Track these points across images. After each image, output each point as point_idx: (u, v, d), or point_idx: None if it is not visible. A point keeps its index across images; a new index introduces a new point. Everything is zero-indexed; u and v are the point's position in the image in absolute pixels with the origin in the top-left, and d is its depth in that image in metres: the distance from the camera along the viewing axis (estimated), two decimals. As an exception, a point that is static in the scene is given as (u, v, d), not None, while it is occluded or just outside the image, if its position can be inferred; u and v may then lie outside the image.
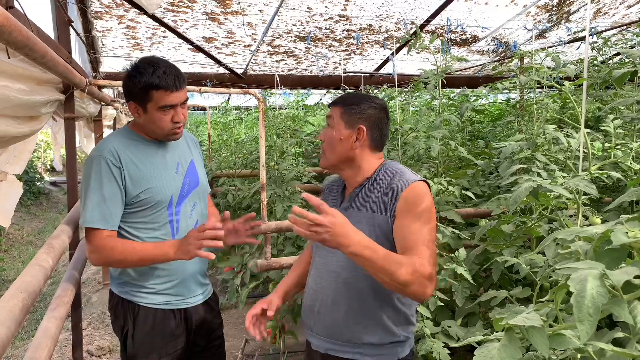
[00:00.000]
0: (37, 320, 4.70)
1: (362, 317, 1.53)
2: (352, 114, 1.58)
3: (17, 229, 8.43)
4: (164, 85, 1.69)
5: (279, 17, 4.23)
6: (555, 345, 0.86)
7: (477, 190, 3.35)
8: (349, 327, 1.54)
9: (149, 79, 1.69)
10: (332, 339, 1.57)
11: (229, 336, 4.03)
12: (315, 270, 1.65)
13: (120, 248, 1.69)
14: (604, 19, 4.83)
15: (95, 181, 1.70)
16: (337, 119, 1.59)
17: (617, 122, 2.19)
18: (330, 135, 1.59)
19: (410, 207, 1.48)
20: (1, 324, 1.03)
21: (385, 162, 1.64)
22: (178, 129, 1.80)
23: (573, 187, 1.67)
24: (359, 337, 1.53)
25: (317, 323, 1.61)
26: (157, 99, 1.71)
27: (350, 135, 1.57)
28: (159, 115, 1.74)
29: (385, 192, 1.53)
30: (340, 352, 1.56)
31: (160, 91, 1.70)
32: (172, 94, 1.71)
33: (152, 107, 1.72)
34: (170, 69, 1.72)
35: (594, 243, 0.93)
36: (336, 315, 1.56)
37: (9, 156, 2.15)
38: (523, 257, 1.90)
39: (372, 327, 1.53)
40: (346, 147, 1.58)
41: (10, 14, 1.12)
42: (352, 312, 1.54)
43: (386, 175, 1.58)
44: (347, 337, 1.54)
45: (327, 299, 1.57)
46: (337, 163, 1.61)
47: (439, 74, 2.81)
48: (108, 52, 4.83)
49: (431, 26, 4.59)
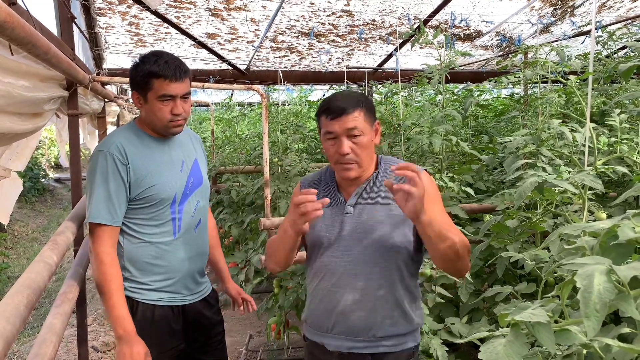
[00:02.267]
0: (43, 317, 4.72)
1: (387, 311, 1.54)
2: (370, 112, 1.55)
3: (22, 226, 8.46)
4: (164, 73, 1.71)
5: (282, 13, 4.22)
6: (561, 341, 0.86)
7: (481, 185, 3.34)
8: (375, 322, 1.54)
9: (150, 67, 1.71)
10: (357, 336, 1.55)
11: (233, 332, 4.04)
12: (328, 271, 1.58)
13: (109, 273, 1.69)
14: (609, 12, 4.80)
15: (101, 177, 1.71)
16: (362, 125, 1.51)
17: (623, 116, 2.18)
18: (364, 143, 1.51)
19: (427, 192, 1.44)
20: (6, 320, 1.03)
21: (381, 155, 1.65)
22: (178, 122, 1.80)
23: (579, 182, 1.67)
24: (384, 330, 1.54)
25: (337, 324, 1.56)
26: (157, 87, 1.72)
27: (373, 134, 1.56)
28: (159, 105, 1.74)
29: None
30: (364, 348, 1.54)
31: (160, 79, 1.71)
32: (171, 84, 1.72)
33: (152, 96, 1.74)
34: (172, 60, 1.74)
35: (600, 238, 0.92)
36: (360, 314, 1.54)
37: (11, 153, 2.16)
38: (528, 253, 1.89)
39: (397, 318, 1.55)
40: (373, 147, 1.58)
41: (13, 10, 1.11)
42: (377, 308, 1.53)
43: (387, 168, 1.59)
44: (373, 333, 1.54)
45: (349, 298, 1.54)
46: (368, 167, 1.58)
47: (442, 69, 2.80)
48: (111, 48, 4.83)
49: (435, 21, 4.57)
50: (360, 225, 1.54)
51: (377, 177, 1.58)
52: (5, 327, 1.00)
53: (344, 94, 1.55)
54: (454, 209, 2.67)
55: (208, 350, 2.00)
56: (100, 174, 1.71)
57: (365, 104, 1.53)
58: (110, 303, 1.67)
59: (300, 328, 3.21)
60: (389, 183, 1.33)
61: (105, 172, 1.71)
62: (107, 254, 1.70)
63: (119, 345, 1.65)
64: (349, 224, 1.55)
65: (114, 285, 1.69)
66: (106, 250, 1.70)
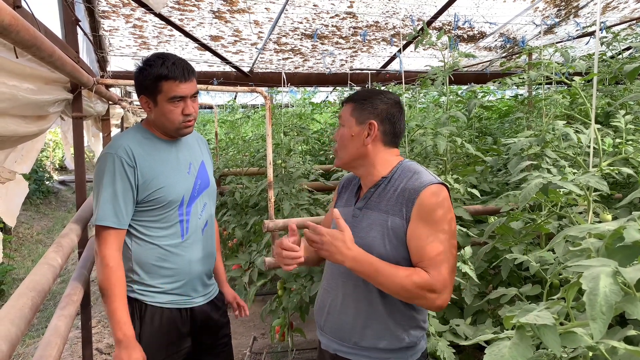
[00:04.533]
0: (47, 319, 4.73)
1: (371, 321, 1.51)
2: (362, 109, 1.55)
3: (27, 228, 8.49)
4: (173, 75, 1.71)
5: (285, 15, 4.22)
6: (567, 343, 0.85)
7: (485, 187, 3.33)
8: (357, 330, 1.52)
9: (158, 70, 1.71)
10: (341, 340, 1.56)
11: (237, 334, 4.04)
12: (328, 270, 1.65)
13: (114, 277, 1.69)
14: (613, 13, 4.78)
15: (109, 179, 1.71)
16: (347, 117, 1.57)
17: (628, 117, 2.16)
18: (342, 133, 1.58)
19: (426, 212, 1.43)
20: (11, 322, 1.03)
21: (403, 161, 1.58)
22: (189, 123, 1.80)
23: (584, 183, 1.66)
24: (366, 341, 1.51)
25: (326, 323, 1.60)
26: (166, 90, 1.73)
27: (361, 132, 1.54)
28: (169, 107, 1.75)
29: (401, 194, 1.48)
30: (348, 354, 1.54)
31: (170, 81, 1.72)
32: (181, 85, 1.73)
33: (162, 98, 1.74)
34: (179, 61, 1.75)
35: (605, 240, 0.91)
36: (345, 318, 1.55)
37: (17, 155, 2.16)
38: (532, 255, 1.88)
39: (380, 332, 1.51)
40: (358, 144, 1.55)
41: (17, 13, 1.12)
42: (361, 315, 1.52)
43: (403, 175, 1.52)
44: (355, 340, 1.53)
45: (337, 300, 1.57)
46: (350, 161, 1.58)
47: (446, 71, 2.79)
48: (115, 51, 4.85)
49: (438, 22, 4.57)
50: (358, 231, 1.53)
51: (388, 182, 1.54)
52: (10, 329, 1.00)
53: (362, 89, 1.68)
54: (458, 210, 2.66)
55: (215, 352, 2.00)
56: (107, 176, 1.71)
57: (358, 100, 1.57)
58: (113, 307, 1.68)
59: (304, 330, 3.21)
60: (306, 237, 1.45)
61: (112, 175, 1.71)
62: (113, 257, 1.71)
63: (118, 349, 1.65)
64: (352, 228, 1.54)
65: (117, 289, 1.69)
66: (112, 254, 1.71)
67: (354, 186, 1.68)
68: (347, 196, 1.68)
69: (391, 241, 1.47)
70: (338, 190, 1.76)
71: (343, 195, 1.71)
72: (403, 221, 1.46)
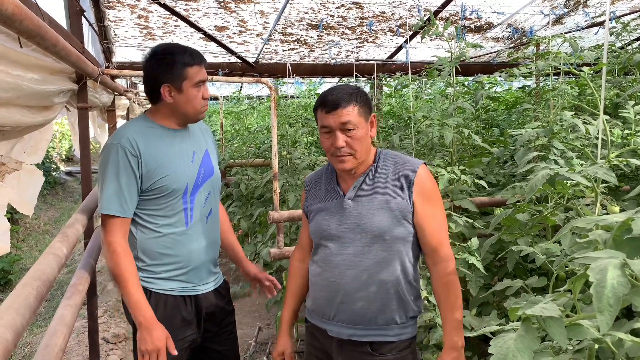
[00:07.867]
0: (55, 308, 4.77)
1: (387, 301, 1.58)
2: (364, 106, 1.59)
3: (34, 219, 8.56)
4: (198, 60, 1.81)
5: (291, 5, 4.20)
6: (573, 335, 0.85)
7: (491, 178, 3.31)
8: (375, 312, 1.59)
9: (182, 57, 1.79)
10: (357, 324, 1.61)
11: (243, 324, 4.06)
12: (330, 263, 1.64)
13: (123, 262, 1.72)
14: (623, 3, 4.71)
15: (113, 169, 1.73)
16: (357, 119, 1.56)
17: (637, 108, 2.14)
18: (359, 136, 1.57)
19: (427, 192, 1.59)
20: (16, 311, 1.04)
21: (380, 149, 1.69)
22: (206, 107, 1.89)
23: (591, 175, 1.64)
24: (385, 319, 1.59)
25: (339, 312, 1.63)
26: (192, 75, 1.80)
27: (368, 127, 1.61)
28: (194, 92, 1.81)
29: (395, 178, 1.59)
30: (364, 336, 1.60)
31: (195, 67, 1.80)
32: (202, 69, 1.83)
33: (188, 84, 1.80)
34: (191, 48, 1.84)
35: (613, 232, 0.90)
36: (361, 304, 1.59)
37: (25, 146, 2.17)
38: (539, 246, 1.87)
39: (396, 309, 1.59)
40: (369, 140, 1.62)
41: (21, 2, 1.11)
42: (377, 298, 1.58)
43: (387, 161, 1.63)
44: (372, 321, 1.59)
45: (349, 288, 1.60)
46: (365, 159, 1.63)
47: (453, 61, 2.77)
48: (120, 41, 4.84)
49: (445, 13, 4.52)
50: (359, 218, 1.59)
51: (375, 170, 1.62)
52: (15, 318, 1.01)
53: (338, 89, 1.60)
54: (464, 202, 2.65)
55: (219, 340, 2.01)
56: (111, 166, 1.73)
57: (359, 98, 1.58)
58: (127, 291, 1.71)
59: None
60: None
61: (116, 165, 1.73)
62: (119, 244, 1.73)
63: (140, 332, 1.69)
64: (349, 217, 1.61)
65: (129, 274, 1.72)
66: (118, 241, 1.73)
67: (328, 181, 1.72)
68: (323, 192, 1.71)
69: (397, 219, 1.56)
70: (306, 189, 1.80)
71: (314, 192, 1.75)
72: (407, 201, 1.57)
